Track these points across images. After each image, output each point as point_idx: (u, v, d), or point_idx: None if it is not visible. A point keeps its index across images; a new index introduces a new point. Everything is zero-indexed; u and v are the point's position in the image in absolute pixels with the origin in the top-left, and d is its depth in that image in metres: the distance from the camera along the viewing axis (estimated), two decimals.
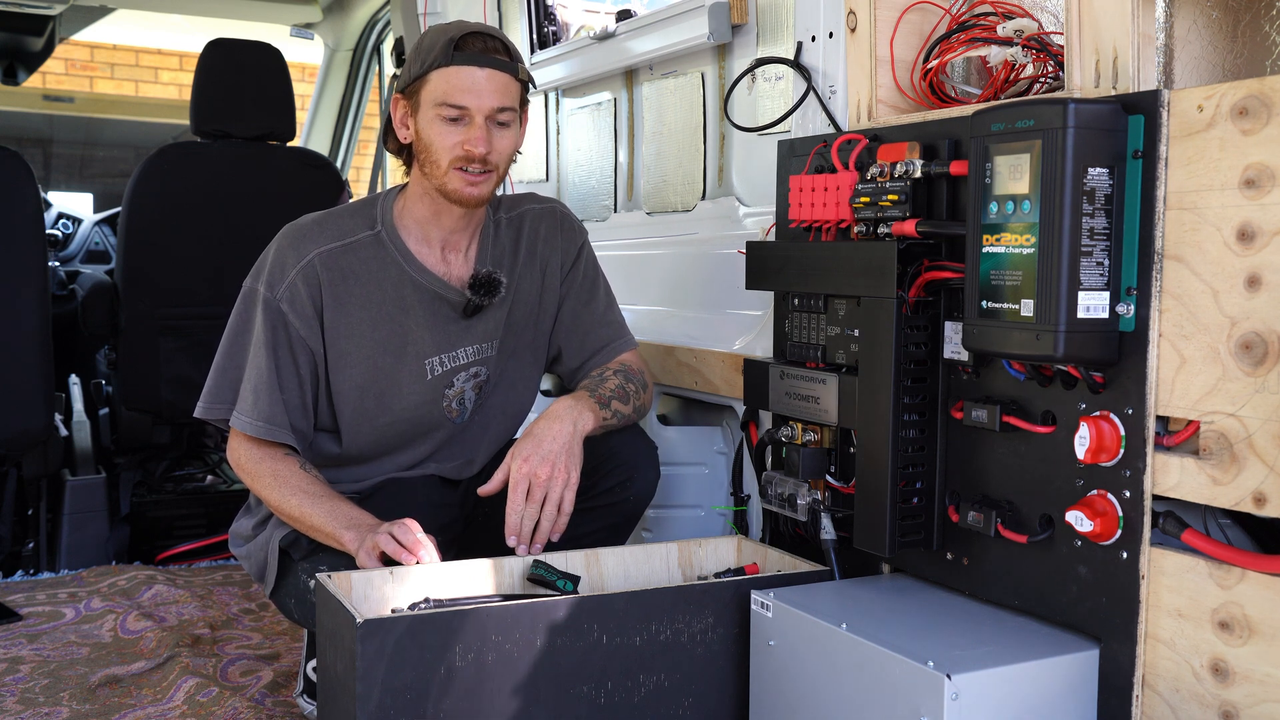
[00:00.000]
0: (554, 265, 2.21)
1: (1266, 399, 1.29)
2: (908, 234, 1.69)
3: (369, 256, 2.05)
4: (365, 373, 2.06)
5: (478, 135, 1.96)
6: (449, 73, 1.95)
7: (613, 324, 2.26)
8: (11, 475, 3.38)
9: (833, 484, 1.90)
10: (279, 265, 2.03)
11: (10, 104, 7.49)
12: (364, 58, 4.91)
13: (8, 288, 3.08)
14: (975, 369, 1.66)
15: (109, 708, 2.25)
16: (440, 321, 2.09)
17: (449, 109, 1.95)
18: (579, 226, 2.27)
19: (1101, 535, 1.45)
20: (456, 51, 1.95)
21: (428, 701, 1.60)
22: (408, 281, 2.06)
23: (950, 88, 1.83)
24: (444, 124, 1.96)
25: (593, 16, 3.38)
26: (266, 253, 2.07)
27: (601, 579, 1.95)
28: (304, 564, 2.04)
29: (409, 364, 2.08)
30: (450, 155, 1.97)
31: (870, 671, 1.51)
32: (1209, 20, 1.67)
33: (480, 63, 1.95)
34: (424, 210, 2.07)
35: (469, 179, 1.98)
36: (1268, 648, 1.30)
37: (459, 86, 1.95)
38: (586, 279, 2.25)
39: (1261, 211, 1.29)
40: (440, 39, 1.97)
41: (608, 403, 2.08)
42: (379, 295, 2.05)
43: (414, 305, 2.07)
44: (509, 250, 2.17)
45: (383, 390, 2.07)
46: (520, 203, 2.23)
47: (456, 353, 2.11)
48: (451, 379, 2.12)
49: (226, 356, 2.08)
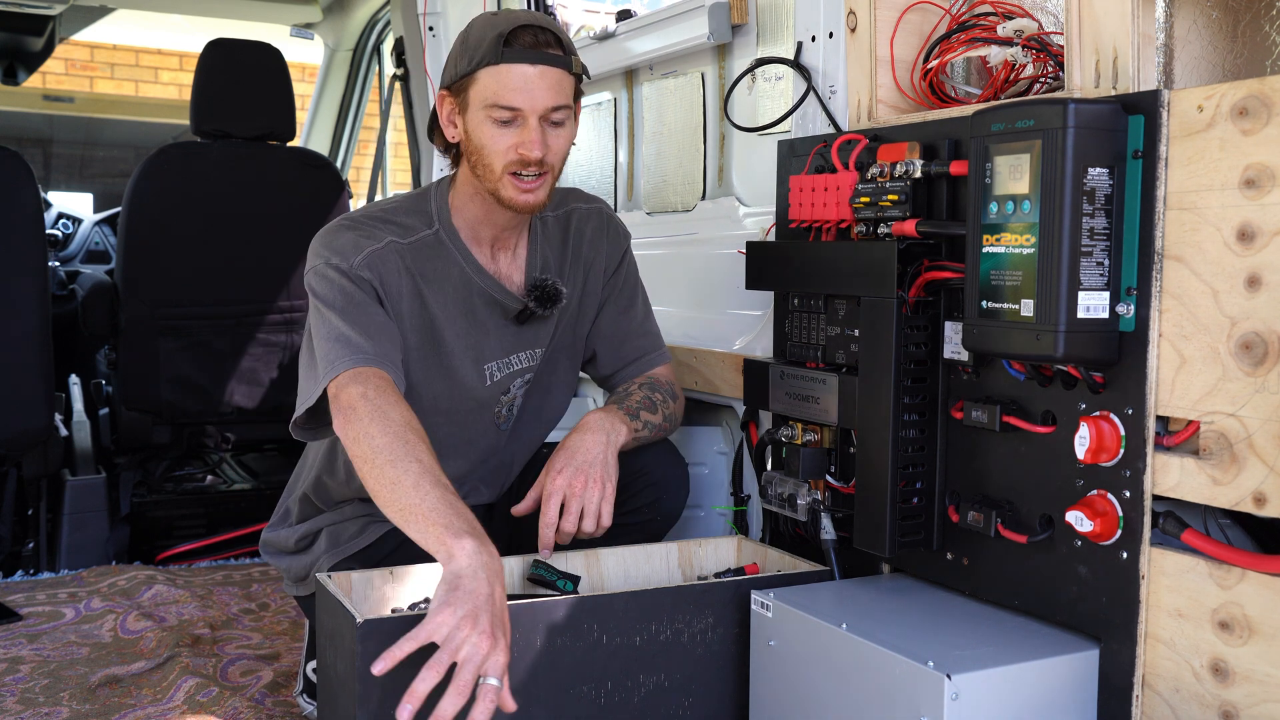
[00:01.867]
0: (597, 268, 2.13)
1: (1266, 399, 1.29)
2: (908, 234, 1.69)
3: (434, 255, 1.95)
4: (430, 370, 1.96)
5: (533, 139, 1.83)
6: (499, 71, 1.82)
7: (650, 334, 2.19)
8: (11, 475, 3.37)
9: (833, 484, 1.90)
10: (350, 244, 1.87)
11: (10, 104, 7.49)
12: (364, 58, 4.91)
13: (8, 288, 3.07)
14: (975, 369, 1.66)
15: (109, 708, 2.25)
16: (496, 326, 2.01)
17: (501, 110, 1.83)
18: (624, 230, 2.19)
19: (1101, 535, 1.45)
20: (506, 48, 1.81)
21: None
22: (470, 284, 1.97)
23: (950, 88, 1.83)
24: (495, 126, 1.84)
25: (593, 16, 3.38)
26: (320, 243, 1.91)
27: (601, 579, 1.95)
28: None
29: (471, 368, 2.00)
30: (504, 160, 1.85)
31: (870, 671, 1.51)
32: (1209, 20, 1.67)
33: (532, 59, 1.82)
34: (476, 210, 1.96)
35: (523, 186, 1.87)
36: (1268, 648, 1.30)
37: (510, 86, 1.82)
38: (628, 285, 2.18)
39: (1261, 211, 1.29)
40: (489, 33, 1.83)
41: (636, 414, 2.02)
42: (446, 296, 1.96)
43: (477, 307, 1.98)
44: (557, 250, 2.08)
45: (439, 392, 1.98)
46: (566, 200, 2.13)
47: (511, 359, 2.04)
48: (508, 385, 2.05)
49: (310, 353, 1.88)
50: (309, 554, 2.08)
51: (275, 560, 2.17)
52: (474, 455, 2.09)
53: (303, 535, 2.09)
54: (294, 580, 2.12)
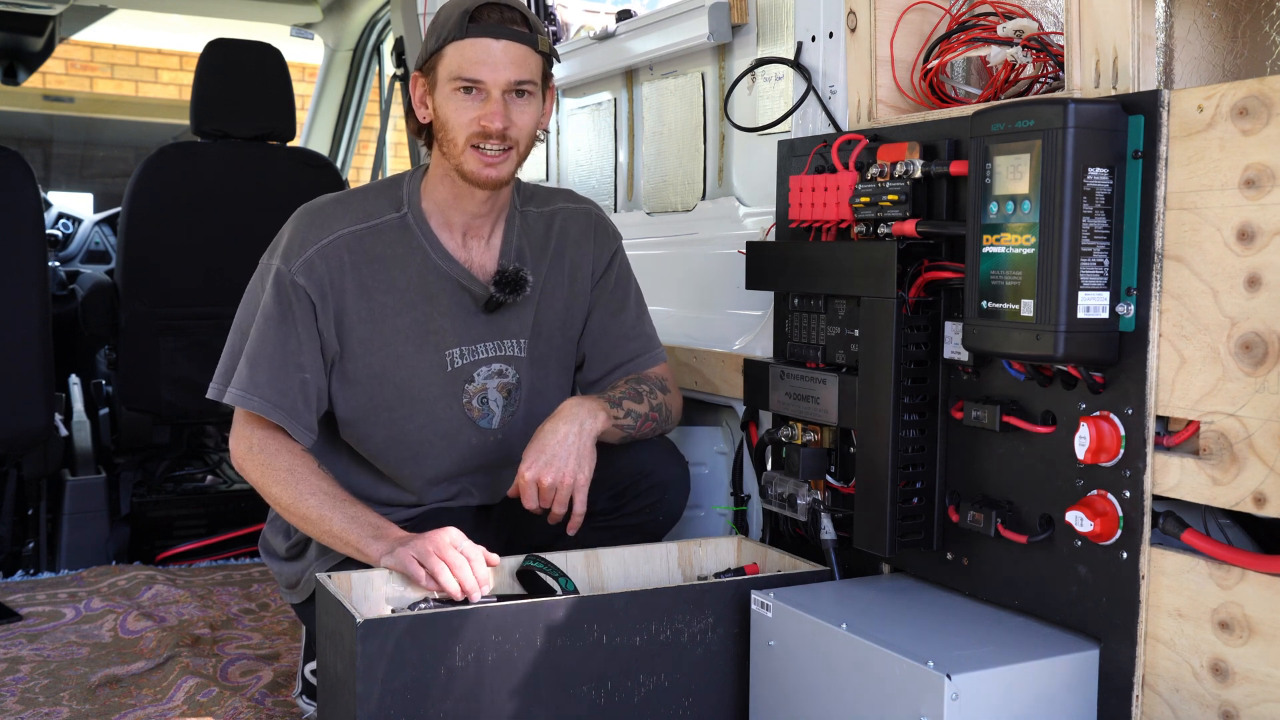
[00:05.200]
0: (584, 271, 2.12)
1: (1266, 399, 1.29)
2: (908, 234, 1.69)
3: (394, 240, 1.97)
4: (385, 359, 1.97)
5: (494, 110, 1.87)
6: (463, 45, 1.87)
7: (642, 336, 2.17)
8: (11, 475, 3.37)
9: (833, 484, 1.90)
10: (297, 241, 1.94)
11: (10, 104, 7.49)
12: (364, 58, 4.91)
13: (8, 288, 3.07)
14: (975, 369, 1.66)
15: (109, 708, 2.25)
16: (462, 313, 2.01)
17: (463, 82, 1.87)
18: (613, 231, 2.18)
19: (1101, 535, 1.45)
20: (471, 23, 1.87)
21: (428, 701, 1.60)
22: (432, 268, 1.98)
23: (950, 88, 1.83)
24: (459, 98, 1.88)
25: (593, 16, 3.38)
26: (283, 231, 1.99)
27: (601, 579, 1.95)
28: None
29: (429, 354, 1.99)
30: (466, 131, 1.88)
31: (870, 671, 1.51)
32: (1209, 20, 1.67)
33: (496, 33, 1.87)
34: (445, 193, 1.98)
35: (485, 159, 1.89)
36: (1268, 648, 1.30)
37: (473, 59, 1.86)
38: (618, 288, 2.16)
39: (1261, 211, 1.29)
40: (455, 12, 1.89)
41: (618, 402, 2.01)
42: (404, 281, 1.97)
43: (438, 293, 1.99)
44: (536, 245, 2.08)
45: (402, 380, 1.99)
46: (554, 198, 2.14)
47: (478, 346, 2.03)
48: (472, 373, 2.03)
49: (240, 335, 1.96)
50: (300, 561, 2.08)
51: (270, 563, 2.17)
52: (456, 454, 2.06)
53: (293, 543, 2.09)
54: (287, 586, 2.12)
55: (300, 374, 1.92)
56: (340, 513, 1.86)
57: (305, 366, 1.92)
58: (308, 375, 1.93)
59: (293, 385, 1.92)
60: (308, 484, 1.89)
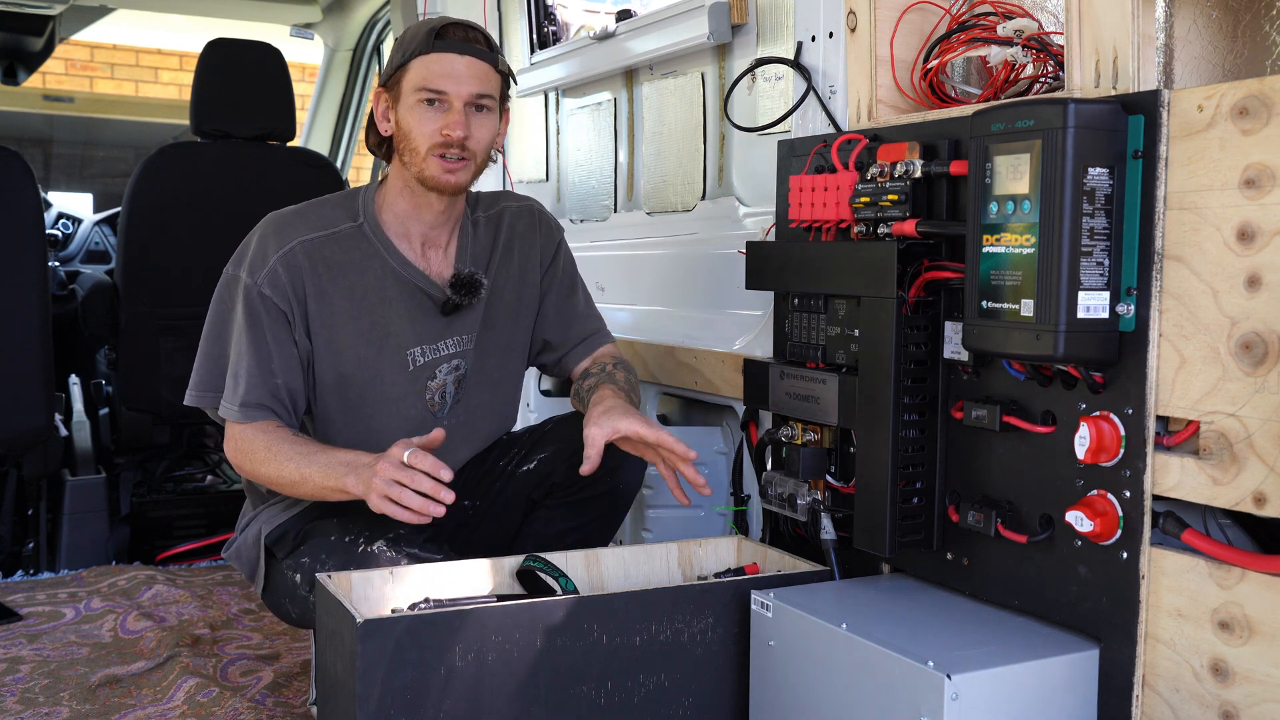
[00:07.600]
0: (533, 262, 2.24)
1: (1266, 399, 1.29)
2: (908, 234, 1.69)
3: (351, 247, 2.06)
4: (348, 362, 2.06)
5: (456, 119, 1.98)
6: (429, 59, 1.98)
7: (594, 317, 2.32)
8: (11, 475, 3.38)
9: (833, 484, 1.90)
10: (260, 252, 2.03)
11: (10, 104, 7.49)
12: (364, 58, 4.91)
13: (8, 288, 3.08)
14: (975, 369, 1.66)
15: (109, 708, 2.25)
16: (421, 314, 2.10)
17: (428, 93, 1.98)
18: (555, 224, 2.31)
19: (1101, 535, 1.45)
20: (438, 40, 1.98)
21: (428, 701, 1.60)
22: (390, 273, 2.07)
23: (950, 88, 1.83)
24: (423, 109, 1.99)
25: (593, 16, 3.38)
26: (248, 240, 2.08)
27: (601, 579, 1.95)
28: (288, 561, 2.03)
29: (390, 355, 2.08)
30: (429, 141, 1.98)
31: (870, 671, 1.51)
32: (1209, 20, 1.67)
33: (460, 50, 1.99)
34: (404, 204, 2.08)
35: (446, 165, 1.99)
36: (1268, 648, 1.30)
37: (438, 72, 1.98)
38: (566, 274, 2.29)
39: (1261, 211, 1.29)
40: (421, 29, 2.01)
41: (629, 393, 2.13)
42: (361, 286, 2.06)
43: (395, 297, 2.08)
44: (487, 248, 2.19)
45: (365, 381, 2.07)
46: (497, 200, 2.26)
47: (438, 344, 2.13)
48: (434, 370, 2.13)
49: (212, 342, 2.07)
50: (250, 530, 2.14)
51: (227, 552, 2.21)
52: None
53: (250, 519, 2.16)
54: (248, 572, 2.15)
55: (273, 379, 2.01)
56: (315, 465, 1.93)
57: (278, 372, 2.02)
58: (279, 380, 2.02)
59: (268, 391, 2.01)
60: (283, 452, 1.97)
